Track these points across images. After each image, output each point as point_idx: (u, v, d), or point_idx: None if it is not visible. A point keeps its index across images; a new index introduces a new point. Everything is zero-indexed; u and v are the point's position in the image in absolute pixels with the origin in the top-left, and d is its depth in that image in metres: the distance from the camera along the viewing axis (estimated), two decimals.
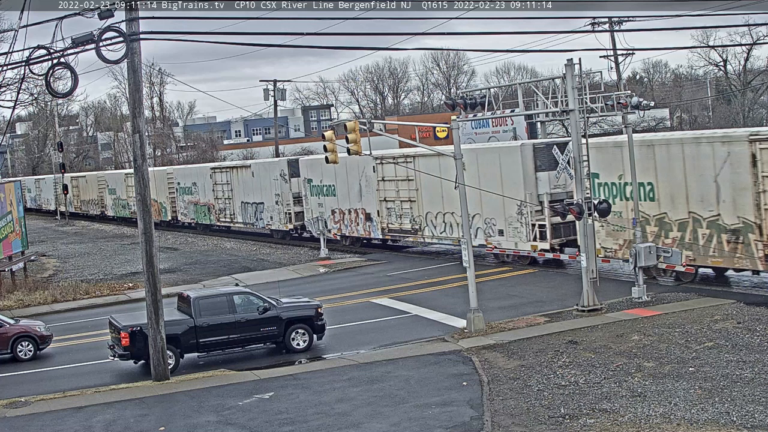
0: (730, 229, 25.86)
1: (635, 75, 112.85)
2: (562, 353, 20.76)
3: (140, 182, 21.85)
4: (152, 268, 21.75)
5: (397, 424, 16.75)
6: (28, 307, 33.88)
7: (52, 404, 20.21)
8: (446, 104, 31.65)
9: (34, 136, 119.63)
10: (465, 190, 24.87)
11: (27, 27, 22.12)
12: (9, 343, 25.24)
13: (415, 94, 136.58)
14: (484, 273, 31.60)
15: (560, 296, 27.81)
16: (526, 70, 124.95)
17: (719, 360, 19.15)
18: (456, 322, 25.30)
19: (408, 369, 20.67)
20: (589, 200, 25.23)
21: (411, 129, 57.02)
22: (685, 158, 27.13)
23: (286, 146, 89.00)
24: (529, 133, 55.93)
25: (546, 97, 27.50)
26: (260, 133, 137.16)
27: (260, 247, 47.74)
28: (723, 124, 68.78)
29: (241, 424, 17.65)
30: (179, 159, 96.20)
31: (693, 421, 15.53)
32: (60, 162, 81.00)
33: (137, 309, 25.76)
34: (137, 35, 20.75)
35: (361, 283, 33.99)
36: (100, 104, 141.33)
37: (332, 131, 25.72)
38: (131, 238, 56.20)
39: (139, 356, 22.80)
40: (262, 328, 23.64)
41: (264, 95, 72.99)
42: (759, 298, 25.31)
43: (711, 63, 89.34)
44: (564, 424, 15.94)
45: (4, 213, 38.21)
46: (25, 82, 31.69)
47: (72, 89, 21.11)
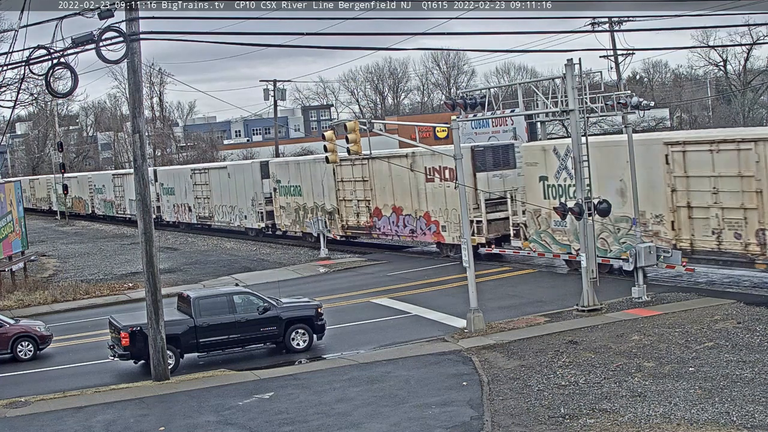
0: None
1: (635, 75, 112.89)
2: (562, 353, 20.76)
3: (140, 182, 21.84)
4: (152, 268, 21.75)
5: (397, 424, 16.75)
6: (28, 307, 33.89)
7: (52, 404, 20.21)
8: (446, 104, 31.68)
9: (34, 136, 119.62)
10: (465, 190, 24.88)
11: (27, 27, 22.14)
12: (9, 343, 25.24)
13: (415, 94, 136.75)
14: (484, 273, 31.59)
15: (560, 296, 27.81)
16: (526, 70, 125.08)
17: (719, 360, 19.15)
18: (456, 322, 25.30)
19: (408, 369, 20.67)
20: (589, 200, 25.24)
21: (411, 129, 56.95)
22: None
23: (286, 146, 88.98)
24: (529, 133, 55.87)
25: (546, 97, 27.51)
26: (260, 133, 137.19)
27: (260, 247, 47.75)
28: (723, 124, 68.75)
29: (241, 424, 17.66)
30: (179, 159, 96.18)
31: (693, 421, 15.53)
32: (60, 162, 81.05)
33: (137, 309, 25.75)
34: (137, 35, 20.75)
35: (361, 283, 34.00)
36: (100, 104, 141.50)
37: (332, 131, 25.75)
38: (131, 238, 56.18)
39: (139, 356, 22.79)
40: (262, 328, 23.64)
41: (264, 95, 73.04)
42: (759, 298, 25.31)
43: (711, 63, 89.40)
44: (564, 424, 15.94)
45: (4, 213, 38.21)
46: (25, 82, 31.71)
47: (72, 89, 21.09)
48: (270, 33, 22.10)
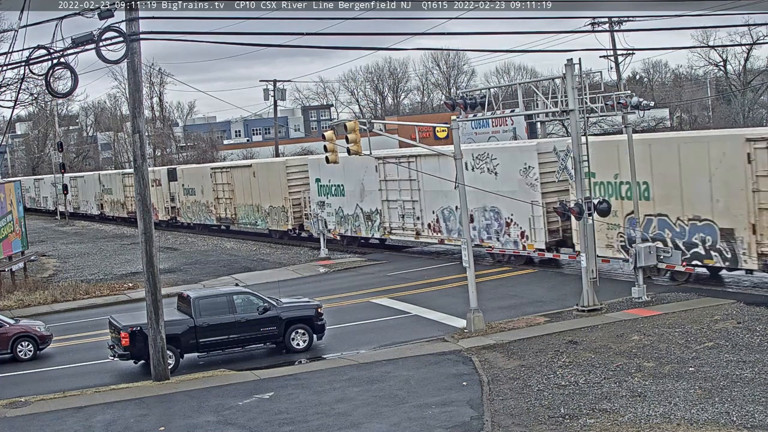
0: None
1: (635, 75, 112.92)
2: (562, 353, 20.76)
3: (140, 182, 21.84)
4: (152, 268, 21.75)
5: (397, 424, 16.75)
6: (28, 307, 33.88)
7: (52, 404, 20.21)
8: (446, 104, 31.65)
9: (34, 136, 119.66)
10: (465, 189, 24.88)
11: (27, 27, 22.14)
12: (9, 343, 25.24)
13: (415, 94, 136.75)
14: (483, 273, 31.60)
15: (560, 296, 27.81)
16: (526, 70, 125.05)
17: (719, 360, 19.14)
18: (456, 322, 25.30)
19: (408, 369, 20.67)
20: (589, 200, 25.23)
21: (411, 129, 56.97)
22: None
23: (286, 146, 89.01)
24: (529, 133, 55.94)
25: (546, 97, 27.49)
26: (260, 133, 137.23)
27: (260, 247, 47.74)
28: (723, 124, 68.79)
29: (241, 424, 17.66)
30: (179, 159, 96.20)
31: (693, 421, 15.53)
32: (60, 162, 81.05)
33: (137, 309, 25.76)
34: (137, 35, 20.75)
35: (361, 283, 34.00)
36: (100, 104, 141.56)
37: (332, 131, 25.74)
38: (131, 238, 56.19)
39: (139, 356, 22.80)
40: (262, 328, 23.64)
41: (264, 95, 73.08)
42: (759, 298, 25.30)
43: (711, 63, 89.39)
44: (564, 424, 15.94)
45: (4, 213, 38.21)
46: (25, 82, 31.70)
47: (72, 89, 21.10)
48: (270, 33, 22.10)
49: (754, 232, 24.99)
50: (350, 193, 42.19)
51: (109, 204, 73.36)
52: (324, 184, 44.12)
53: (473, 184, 31.07)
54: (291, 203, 46.69)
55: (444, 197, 35.74)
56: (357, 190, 41.68)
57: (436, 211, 36.99)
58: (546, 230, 31.75)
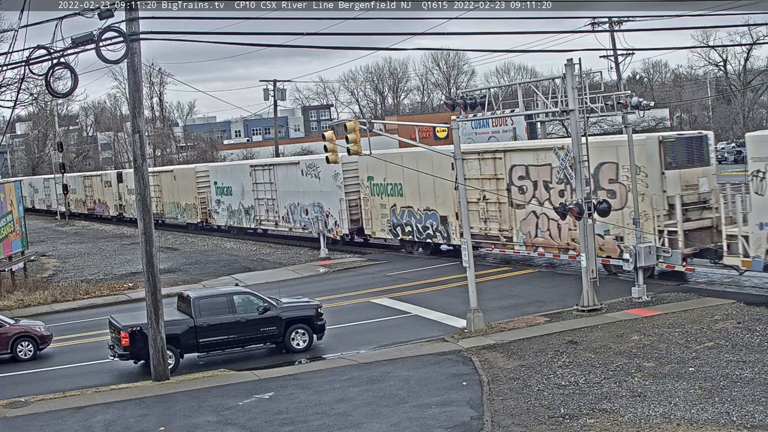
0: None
1: (635, 75, 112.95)
2: (562, 353, 20.77)
3: (140, 182, 21.83)
4: (152, 268, 21.75)
5: (396, 424, 16.75)
6: (28, 307, 33.88)
7: (52, 404, 20.21)
8: (446, 104, 31.67)
9: (34, 136, 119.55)
10: (464, 189, 24.88)
11: (27, 27, 22.14)
12: (9, 343, 25.23)
13: (415, 94, 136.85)
14: (483, 273, 31.61)
15: (560, 296, 27.81)
16: (526, 70, 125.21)
17: (719, 360, 19.15)
18: (456, 322, 25.30)
19: (408, 369, 20.67)
20: (588, 200, 25.24)
21: (411, 129, 56.99)
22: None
23: (286, 146, 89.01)
24: (529, 133, 55.96)
25: (546, 97, 27.49)
26: (260, 133, 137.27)
27: (260, 247, 47.77)
28: (723, 124, 68.81)
29: (241, 424, 17.66)
30: (179, 159, 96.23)
31: (693, 421, 15.53)
32: (60, 162, 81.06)
33: (137, 309, 25.76)
34: (137, 35, 20.75)
35: (361, 283, 34.00)
36: (100, 104, 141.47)
37: (332, 131, 25.74)
38: (131, 238, 56.21)
39: (139, 356, 22.79)
40: (262, 328, 23.64)
41: (264, 95, 73.08)
42: (759, 298, 25.31)
43: (711, 63, 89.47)
44: (564, 424, 15.94)
45: (4, 213, 38.20)
46: (25, 82, 31.67)
47: (72, 89, 21.10)
48: (269, 33, 22.15)
49: (457, 218, 32.65)
50: (236, 192, 52.76)
51: (74, 202, 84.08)
52: (219, 186, 54.61)
53: (307, 187, 44.87)
54: (199, 201, 57.24)
55: (292, 196, 46.75)
56: (239, 190, 52.26)
57: (287, 207, 47.40)
58: (349, 220, 42.49)
